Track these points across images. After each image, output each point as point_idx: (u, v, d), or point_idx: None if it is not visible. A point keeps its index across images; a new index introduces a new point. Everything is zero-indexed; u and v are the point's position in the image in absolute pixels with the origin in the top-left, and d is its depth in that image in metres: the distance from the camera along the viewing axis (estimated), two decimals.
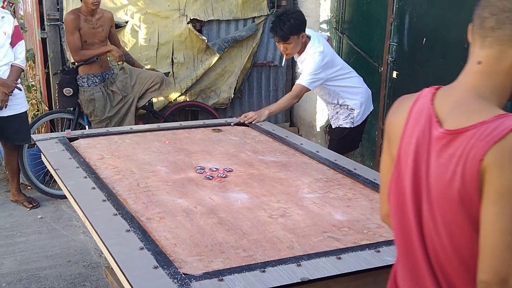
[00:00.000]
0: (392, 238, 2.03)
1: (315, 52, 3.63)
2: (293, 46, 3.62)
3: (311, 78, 3.64)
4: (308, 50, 3.67)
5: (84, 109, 4.66)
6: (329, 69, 3.71)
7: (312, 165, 2.90)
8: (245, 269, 1.78)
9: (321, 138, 5.68)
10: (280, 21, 3.55)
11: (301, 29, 3.61)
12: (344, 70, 3.84)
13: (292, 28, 3.55)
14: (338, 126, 3.95)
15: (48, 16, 4.96)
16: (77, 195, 2.39)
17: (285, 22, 3.53)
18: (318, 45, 3.67)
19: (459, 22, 4.08)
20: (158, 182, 2.59)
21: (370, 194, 2.50)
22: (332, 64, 3.74)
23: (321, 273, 1.77)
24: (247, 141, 3.31)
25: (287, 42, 3.60)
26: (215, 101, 5.66)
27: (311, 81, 3.64)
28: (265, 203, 2.37)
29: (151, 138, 3.32)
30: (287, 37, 3.57)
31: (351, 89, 3.85)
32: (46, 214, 4.44)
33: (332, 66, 3.74)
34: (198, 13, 5.40)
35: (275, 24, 3.59)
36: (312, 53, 3.64)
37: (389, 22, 4.76)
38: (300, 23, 3.60)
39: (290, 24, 3.54)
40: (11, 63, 4.25)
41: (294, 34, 3.57)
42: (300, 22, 3.59)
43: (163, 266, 1.78)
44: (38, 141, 3.15)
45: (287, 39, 3.58)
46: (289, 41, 3.59)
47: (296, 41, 3.61)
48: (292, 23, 3.54)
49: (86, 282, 3.45)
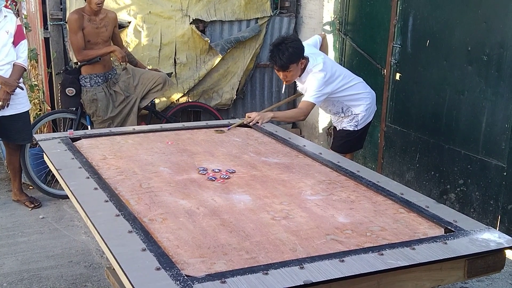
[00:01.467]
0: (396, 241, 2.03)
1: (315, 72, 3.63)
2: (292, 73, 3.62)
3: (316, 94, 3.63)
4: (309, 71, 3.66)
5: (86, 109, 4.66)
6: (332, 83, 3.71)
7: (315, 167, 2.89)
8: (247, 271, 1.77)
9: (323, 140, 5.67)
10: (278, 50, 3.53)
11: (300, 57, 3.59)
12: (346, 79, 3.82)
13: (291, 57, 3.53)
14: (342, 128, 3.95)
15: (51, 15, 4.96)
16: (79, 196, 2.39)
17: (284, 52, 3.51)
18: (317, 63, 3.65)
19: (463, 24, 4.07)
20: (161, 183, 2.58)
21: (373, 197, 2.49)
22: (334, 77, 3.73)
23: (324, 276, 1.76)
24: (250, 143, 3.30)
25: (287, 71, 3.58)
26: (218, 102, 5.65)
27: (317, 96, 3.64)
28: (268, 205, 2.36)
29: (153, 139, 3.31)
30: (287, 67, 3.56)
31: (355, 96, 3.85)
32: (47, 214, 4.44)
33: (335, 79, 3.73)
34: (200, 14, 5.39)
35: (273, 54, 3.56)
36: (313, 73, 3.63)
37: (393, 24, 4.75)
38: (299, 51, 3.58)
39: (289, 53, 3.52)
40: (13, 62, 4.26)
41: (294, 62, 3.56)
42: (299, 50, 3.57)
43: (166, 267, 1.77)
44: (40, 141, 3.15)
45: (287, 68, 3.56)
46: (289, 70, 3.58)
47: (296, 69, 3.61)
48: (291, 52, 3.52)
49: (87, 283, 3.44)
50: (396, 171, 4.88)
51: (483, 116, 3.98)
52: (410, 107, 4.65)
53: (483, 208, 4.04)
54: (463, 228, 2.13)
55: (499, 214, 3.92)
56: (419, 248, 1.96)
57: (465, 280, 2.66)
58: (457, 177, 4.23)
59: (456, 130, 4.21)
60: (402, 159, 4.80)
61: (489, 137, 3.94)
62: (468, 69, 4.07)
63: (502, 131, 3.83)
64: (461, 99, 4.15)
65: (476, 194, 4.08)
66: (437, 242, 2.01)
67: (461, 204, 4.21)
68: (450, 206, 4.14)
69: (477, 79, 4.01)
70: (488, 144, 3.95)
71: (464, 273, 2.02)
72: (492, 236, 2.08)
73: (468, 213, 4.08)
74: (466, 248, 1.98)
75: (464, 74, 4.11)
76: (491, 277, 3.54)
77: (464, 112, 4.13)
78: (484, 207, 4.03)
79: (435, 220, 2.22)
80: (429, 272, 1.96)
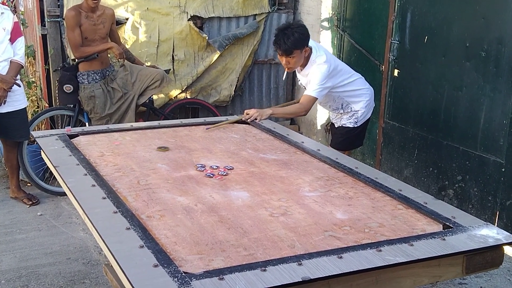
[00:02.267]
0: (394, 237, 2.03)
1: (320, 64, 3.61)
2: (295, 60, 3.59)
3: (319, 88, 3.62)
4: (312, 62, 3.64)
5: (84, 106, 4.65)
6: (335, 76, 3.70)
7: (313, 164, 2.89)
8: (245, 268, 1.77)
9: (322, 136, 5.67)
10: (284, 35, 3.50)
11: (305, 44, 3.58)
12: (346, 74, 3.82)
13: (296, 42, 3.51)
14: (341, 125, 3.94)
15: (48, 12, 4.95)
16: (77, 193, 2.38)
17: (289, 36, 3.49)
18: (320, 54, 3.64)
19: (461, 20, 4.07)
20: (159, 180, 2.58)
21: (372, 193, 2.49)
22: (337, 70, 3.72)
23: (322, 272, 1.76)
24: (248, 139, 3.30)
25: (290, 56, 3.56)
26: (216, 98, 5.65)
27: (319, 90, 3.63)
28: (266, 202, 2.35)
29: (151, 136, 3.31)
30: (290, 51, 3.53)
31: (355, 92, 3.84)
32: (45, 211, 4.43)
33: (337, 73, 3.72)
34: (198, 10, 5.38)
35: (278, 37, 3.53)
36: (317, 64, 3.61)
37: (391, 20, 4.74)
38: (304, 38, 3.56)
39: (294, 39, 3.49)
40: (10, 59, 4.24)
41: (298, 48, 3.54)
42: (304, 37, 3.55)
43: (163, 264, 1.77)
44: (38, 138, 3.14)
45: (290, 53, 3.54)
46: (293, 55, 3.56)
47: (299, 56, 3.58)
48: (296, 37, 3.50)
49: (85, 280, 3.44)
50: (394, 167, 4.88)
51: (481, 112, 3.97)
52: (408, 103, 4.65)
53: (481, 204, 4.04)
54: (462, 224, 2.13)
55: (497, 210, 3.92)
56: (418, 245, 1.96)
57: (463, 276, 2.66)
58: (455, 173, 4.23)
59: (454, 126, 4.20)
60: (401, 156, 4.80)
61: (487, 133, 3.94)
62: (466, 65, 4.07)
63: (500, 127, 3.83)
64: (459, 95, 4.14)
65: (474, 190, 4.09)
66: (435, 238, 2.01)
67: (460, 200, 4.21)
68: (449, 202, 4.14)
69: (475, 75, 4.00)
70: (486, 140, 3.95)
71: (463, 269, 2.02)
72: (490, 232, 2.08)
73: (467, 209, 4.08)
74: (465, 244, 1.98)
75: (462, 70, 4.10)
76: (489, 273, 3.55)
77: (462, 108, 4.13)
78: (483, 203, 4.03)
79: (434, 216, 2.22)
80: (428, 268, 1.97)
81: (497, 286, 3.47)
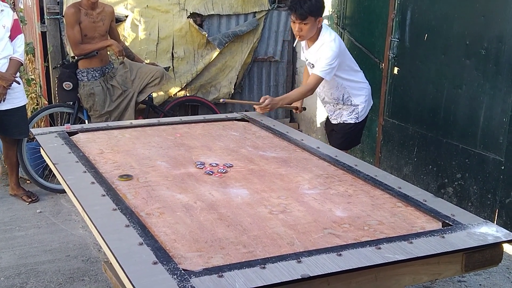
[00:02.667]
0: (394, 235, 2.03)
1: (330, 40, 3.59)
2: (308, 27, 3.54)
3: (328, 68, 3.58)
4: (323, 38, 3.62)
5: (83, 104, 4.64)
6: (343, 57, 3.68)
7: (312, 161, 2.89)
8: (245, 265, 1.77)
9: (321, 134, 5.67)
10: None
11: (320, 13, 3.55)
12: (352, 61, 3.82)
13: (312, 8, 3.48)
14: (343, 121, 3.92)
15: (48, 9, 4.94)
16: (76, 190, 2.38)
17: (306, 1, 3.47)
18: (330, 32, 3.64)
19: (461, 18, 4.07)
20: (158, 177, 2.57)
21: (371, 191, 2.49)
22: (345, 52, 3.73)
23: (321, 269, 1.76)
24: (247, 137, 3.29)
25: (303, 22, 3.52)
26: (215, 96, 5.64)
27: (328, 71, 3.59)
28: (265, 199, 2.35)
29: (151, 133, 3.31)
30: (305, 16, 3.49)
31: (357, 85, 3.83)
32: (45, 208, 4.43)
33: (344, 54, 3.72)
34: (198, 8, 5.38)
35: (294, 2, 3.50)
36: (328, 41, 3.59)
37: (391, 18, 4.74)
38: (320, 6, 3.54)
39: (310, 4, 3.47)
40: (10, 56, 4.24)
41: (313, 15, 3.50)
42: (320, 5, 3.54)
43: (163, 261, 1.77)
44: (37, 135, 3.14)
45: (305, 18, 3.49)
46: (306, 22, 3.51)
47: (313, 24, 3.54)
48: (313, 3, 3.47)
49: (84, 277, 3.44)
50: (394, 165, 4.88)
51: (481, 110, 3.97)
52: (408, 101, 4.65)
53: (480, 202, 4.04)
54: (461, 222, 2.13)
55: (496, 208, 3.93)
56: (417, 242, 1.96)
57: (462, 274, 2.66)
58: (455, 171, 4.24)
59: (454, 124, 4.20)
60: (400, 153, 4.80)
61: (487, 131, 3.94)
62: (466, 63, 4.06)
63: (500, 125, 3.83)
64: (459, 93, 4.14)
65: (474, 188, 4.09)
66: (434, 236, 2.01)
67: (459, 198, 4.22)
68: (448, 200, 4.14)
69: (475, 73, 4.00)
70: (486, 138, 3.95)
71: (462, 267, 2.02)
72: (489, 230, 2.07)
73: (466, 207, 4.09)
74: (464, 242, 1.98)
75: (462, 68, 4.10)
76: (488, 270, 3.55)
77: (462, 106, 4.12)
78: (482, 201, 4.03)
79: (433, 214, 2.22)
80: (427, 266, 1.97)
81: (496, 283, 3.48)
